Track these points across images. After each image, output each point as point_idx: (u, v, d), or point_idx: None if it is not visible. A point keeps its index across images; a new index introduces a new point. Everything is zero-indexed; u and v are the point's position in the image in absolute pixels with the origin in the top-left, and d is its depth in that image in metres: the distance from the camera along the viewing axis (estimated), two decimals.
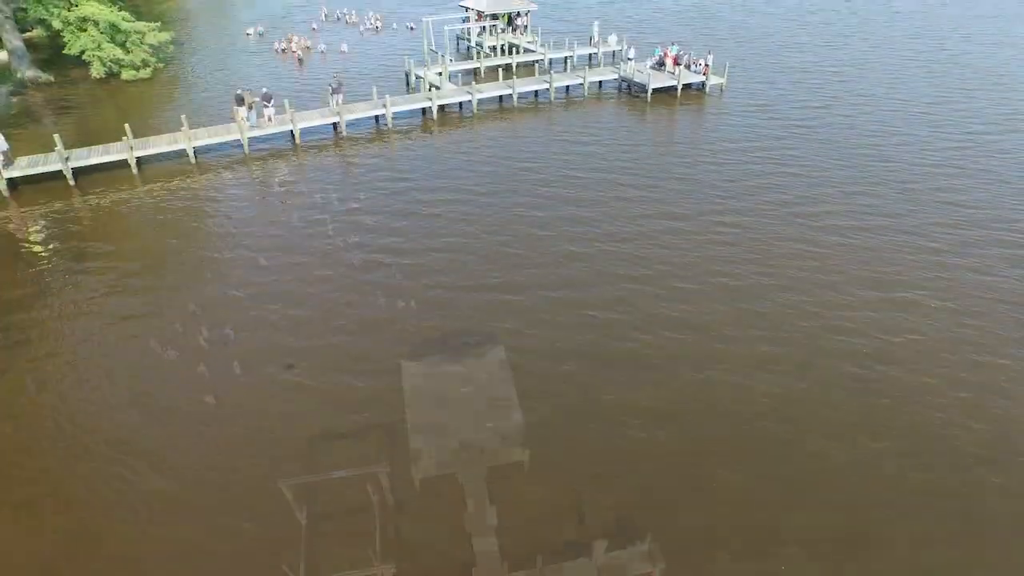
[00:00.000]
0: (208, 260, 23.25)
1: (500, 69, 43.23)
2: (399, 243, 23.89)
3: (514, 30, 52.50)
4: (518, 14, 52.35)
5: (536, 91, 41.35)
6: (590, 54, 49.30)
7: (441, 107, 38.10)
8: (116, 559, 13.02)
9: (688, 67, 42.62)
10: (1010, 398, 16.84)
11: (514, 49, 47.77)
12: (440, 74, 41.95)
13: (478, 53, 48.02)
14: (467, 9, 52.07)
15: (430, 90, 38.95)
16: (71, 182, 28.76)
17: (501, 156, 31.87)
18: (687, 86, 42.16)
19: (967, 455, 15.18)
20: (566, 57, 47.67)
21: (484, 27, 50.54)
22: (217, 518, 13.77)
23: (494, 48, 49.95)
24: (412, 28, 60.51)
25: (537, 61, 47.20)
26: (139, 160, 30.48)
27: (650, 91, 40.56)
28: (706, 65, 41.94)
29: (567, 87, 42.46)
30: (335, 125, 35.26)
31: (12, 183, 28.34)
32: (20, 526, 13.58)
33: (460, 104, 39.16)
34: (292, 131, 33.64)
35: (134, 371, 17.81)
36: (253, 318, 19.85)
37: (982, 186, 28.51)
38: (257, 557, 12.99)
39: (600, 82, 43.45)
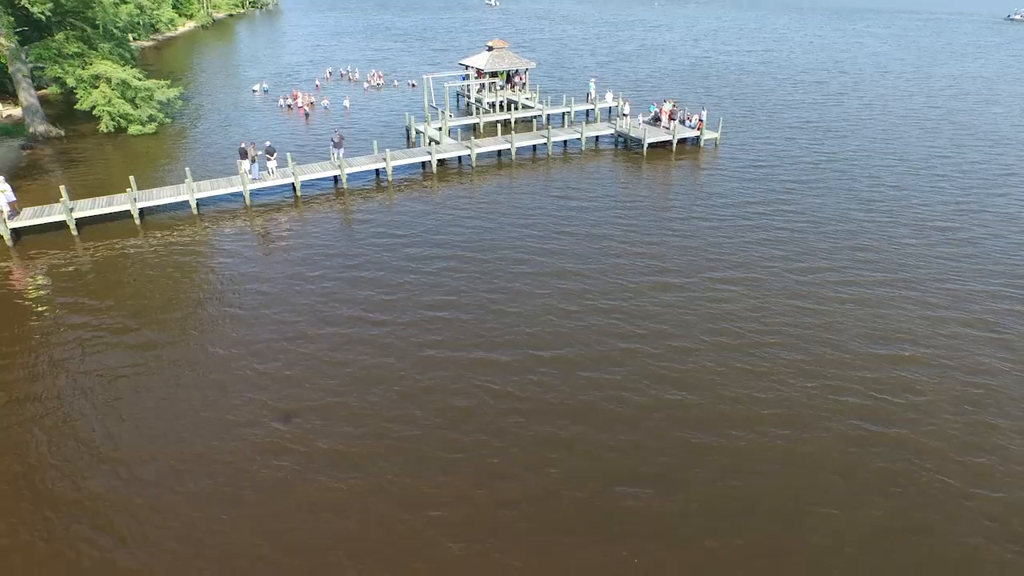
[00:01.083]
0: (203, 316, 22.93)
1: (499, 124, 44.30)
2: (394, 302, 23.59)
3: (512, 87, 53.98)
4: (516, 72, 53.93)
5: (534, 146, 42.24)
6: (587, 110, 50.60)
7: (440, 161, 38.89)
8: None
9: (683, 122, 43.64)
10: (1015, 460, 16.40)
11: (513, 105, 48.99)
12: (440, 129, 42.96)
13: (477, 109, 49.26)
14: (467, 67, 53.70)
15: (430, 144, 39.84)
16: (74, 232, 29.20)
17: (498, 213, 31.97)
18: (682, 141, 43.08)
19: (972, 523, 14.70)
20: (564, 113, 48.91)
21: (483, 84, 51.99)
22: None
23: (493, 104, 51.28)
24: (413, 85, 62.37)
25: (535, 117, 48.36)
26: (142, 211, 31.02)
27: (646, 146, 41.43)
28: (700, 120, 42.97)
29: (565, 142, 43.42)
30: (336, 178, 35.97)
31: (16, 233, 28.80)
32: None
33: (459, 158, 39.99)
34: (293, 184, 34.29)
35: (117, 430, 17.37)
36: (244, 377, 19.40)
37: (980, 243, 28.55)
38: None
39: (597, 137, 44.45)
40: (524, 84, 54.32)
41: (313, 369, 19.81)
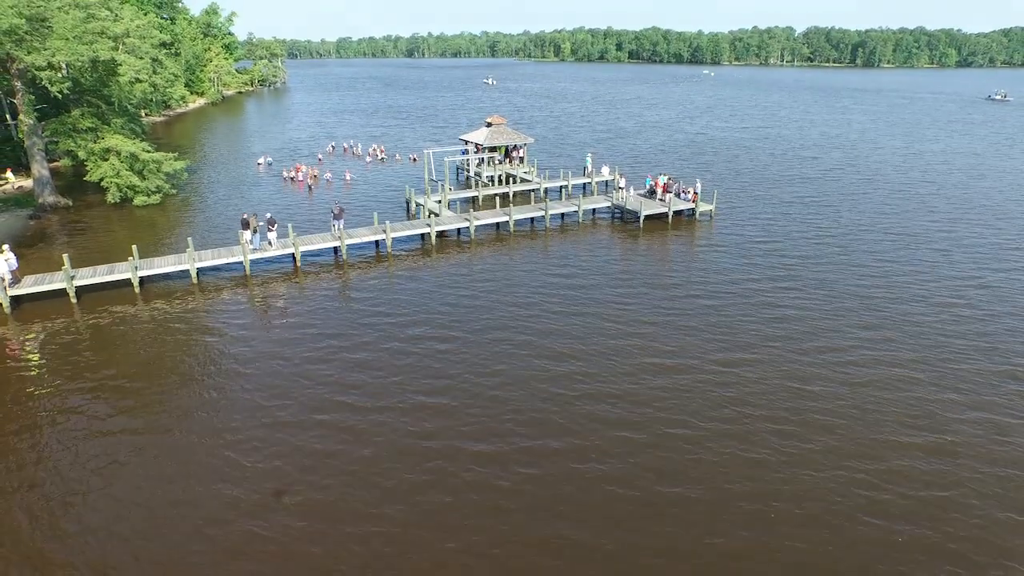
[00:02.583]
0: (189, 399, 21.97)
1: (498, 198, 45.20)
2: (388, 391, 22.44)
3: (511, 161, 55.41)
4: (515, 147, 55.48)
5: (532, 218, 42.95)
6: (584, 184, 51.76)
7: (440, 233, 39.47)
8: None
9: (678, 195, 44.54)
10: None
11: (511, 179, 50.07)
12: (440, 202, 43.82)
13: (476, 182, 50.34)
14: (466, 142, 55.33)
15: (430, 217, 40.55)
16: (74, 300, 29.36)
17: (496, 290, 31.38)
18: (678, 213, 43.84)
19: None
20: (561, 186, 50.01)
21: (483, 158, 53.38)
22: None
23: (492, 178, 52.50)
24: (414, 159, 64.08)
25: (533, 190, 49.36)
26: (143, 279, 31.31)
27: (642, 218, 42.16)
28: (695, 193, 43.89)
29: (562, 215, 44.17)
30: (336, 249, 36.42)
31: (15, 300, 28.97)
32: None
33: (458, 231, 40.59)
34: (294, 254, 34.71)
35: (71, 529, 16.26)
36: (220, 469, 18.39)
37: (987, 319, 27.96)
38: None
39: (594, 210, 45.25)
40: (522, 158, 55.81)
41: (297, 461, 18.72)
